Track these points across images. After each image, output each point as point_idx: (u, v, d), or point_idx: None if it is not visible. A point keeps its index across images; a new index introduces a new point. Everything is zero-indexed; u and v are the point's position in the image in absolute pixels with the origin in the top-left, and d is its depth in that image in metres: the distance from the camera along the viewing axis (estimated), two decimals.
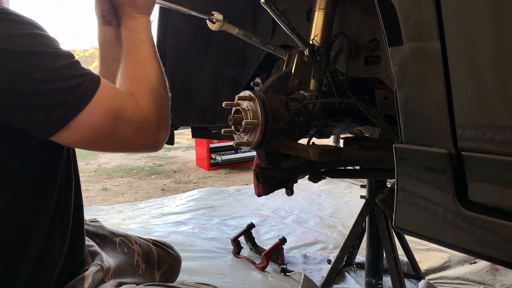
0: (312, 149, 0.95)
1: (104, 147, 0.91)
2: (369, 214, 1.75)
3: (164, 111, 0.93)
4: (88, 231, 1.25)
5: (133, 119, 0.85)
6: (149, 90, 0.91)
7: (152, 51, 0.98)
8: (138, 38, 0.98)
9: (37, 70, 0.75)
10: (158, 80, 0.95)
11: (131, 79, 0.92)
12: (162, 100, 0.93)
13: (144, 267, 1.35)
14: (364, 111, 1.13)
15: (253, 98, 0.99)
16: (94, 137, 0.83)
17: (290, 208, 3.17)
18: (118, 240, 1.32)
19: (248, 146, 1.02)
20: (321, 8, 1.07)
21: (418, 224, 0.72)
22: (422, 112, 0.68)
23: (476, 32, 0.59)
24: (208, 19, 1.09)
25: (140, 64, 0.95)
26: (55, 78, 0.76)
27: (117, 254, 1.26)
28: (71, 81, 0.77)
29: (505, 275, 1.96)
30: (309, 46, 1.06)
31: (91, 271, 1.02)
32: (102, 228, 1.33)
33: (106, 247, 1.26)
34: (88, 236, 1.23)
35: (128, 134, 0.86)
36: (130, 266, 1.29)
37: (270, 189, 1.30)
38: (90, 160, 5.84)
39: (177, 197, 3.66)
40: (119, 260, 1.23)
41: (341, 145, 1.44)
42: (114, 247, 1.29)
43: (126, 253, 1.31)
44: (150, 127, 0.88)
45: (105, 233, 1.31)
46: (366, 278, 1.83)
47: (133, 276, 1.27)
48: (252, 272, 2.08)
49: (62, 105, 0.77)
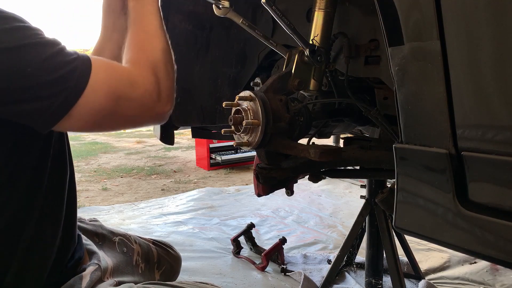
0: (312, 149, 0.95)
1: (109, 127, 0.90)
2: (369, 214, 1.75)
3: (165, 83, 0.91)
4: (86, 230, 1.24)
5: (132, 95, 0.84)
6: (152, 61, 0.90)
7: (159, 22, 0.97)
8: (145, 9, 0.96)
9: (27, 64, 0.73)
10: (164, 52, 0.93)
11: (136, 50, 0.91)
12: (165, 72, 0.91)
13: (143, 266, 1.35)
14: (364, 111, 1.13)
15: (254, 98, 0.99)
16: (97, 120, 0.82)
17: (290, 208, 3.17)
18: (118, 239, 1.32)
19: (249, 146, 1.02)
20: (321, 8, 1.07)
21: (418, 224, 0.72)
22: (422, 112, 0.68)
23: (476, 32, 0.59)
24: (215, 4, 1.09)
25: (146, 35, 0.94)
26: (47, 69, 0.75)
27: (115, 254, 1.25)
28: (63, 69, 0.76)
29: (505, 275, 1.96)
30: (309, 46, 1.06)
31: (88, 270, 1.02)
32: (101, 227, 1.32)
33: (104, 246, 1.26)
34: (86, 235, 1.22)
35: (130, 111, 0.85)
36: (129, 265, 1.28)
37: (270, 189, 1.30)
38: (90, 160, 5.85)
39: (177, 197, 3.66)
40: (118, 260, 1.23)
41: (341, 145, 1.44)
42: (113, 246, 1.29)
43: (125, 252, 1.30)
44: (151, 99, 0.87)
45: (104, 232, 1.30)
46: (366, 278, 1.83)
47: (132, 275, 1.26)
48: (252, 272, 2.08)
49: (60, 94, 0.75)
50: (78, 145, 7.42)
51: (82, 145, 7.47)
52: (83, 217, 1.32)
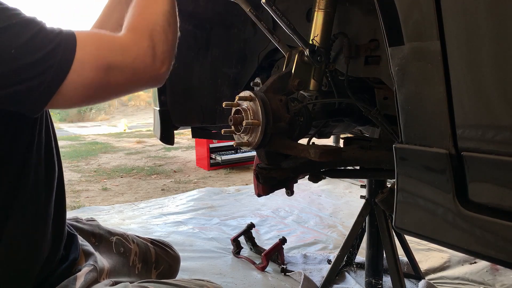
0: (313, 149, 0.95)
1: (103, 98, 0.88)
2: (369, 214, 1.75)
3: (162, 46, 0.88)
4: (83, 230, 1.23)
5: (123, 62, 0.82)
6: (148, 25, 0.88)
7: None
8: None
9: (10, 46, 0.71)
10: (165, 15, 0.91)
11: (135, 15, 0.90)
12: (163, 35, 0.89)
13: (140, 267, 1.33)
14: (364, 111, 1.13)
15: (254, 99, 0.99)
16: (90, 94, 0.80)
17: (290, 208, 3.17)
18: (115, 239, 1.30)
19: (249, 146, 1.01)
20: (321, 8, 1.07)
21: (418, 224, 0.72)
22: (422, 112, 0.68)
23: (476, 32, 0.59)
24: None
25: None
26: (31, 49, 0.73)
27: (112, 255, 1.24)
28: (47, 47, 0.74)
29: (505, 275, 1.96)
30: (309, 46, 1.06)
31: (83, 271, 1.01)
32: (99, 227, 1.31)
33: (101, 247, 1.24)
34: (83, 235, 1.21)
35: (122, 79, 0.83)
36: (125, 266, 1.27)
37: (270, 189, 1.30)
38: (90, 160, 5.85)
39: (177, 197, 3.66)
40: (114, 261, 1.22)
41: (341, 145, 1.44)
42: (110, 247, 1.27)
43: (122, 253, 1.29)
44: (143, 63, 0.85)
45: (101, 232, 1.29)
46: (366, 278, 1.83)
47: (129, 276, 1.26)
48: (252, 272, 2.08)
49: (46, 72, 0.74)
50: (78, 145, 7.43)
51: (82, 145, 7.47)
52: (80, 216, 1.31)
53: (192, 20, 1.56)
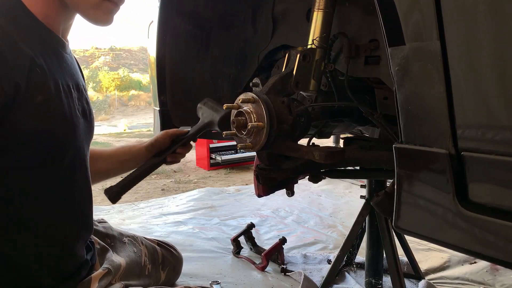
0: (317, 151, 0.94)
1: None
2: (369, 214, 1.75)
3: None
4: (97, 232, 1.26)
5: None
6: None
7: None
8: None
9: None
10: None
11: None
12: None
13: (150, 267, 1.36)
14: (365, 113, 1.13)
15: (257, 101, 0.98)
16: None
17: (290, 208, 3.17)
18: (127, 240, 1.34)
19: (252, 148, 1.01)
20: (321, 8, 1.07)
21: (418, 224, 0.72)
22: (422, 112, 0.68)
23: (476, 32, 0.59)
24: None
25: None
26: None
27: (128, 254, 1.27)
28: None
29: (505, 275, 1.96)
30: (309, 46, 1.06)
31: (98, 274, 1.03)
32: (111, 228, 1.34)
33: (116, 247, 1.27)
34: (98, 236, 1.23)
35: None
36: (138, 266, 1.30)
37: (270, 189, 1.30)
38: None
39: (177, 197, 3.66)
40: (130, 259, 1.25)
41: (341, 145, 1.44)
42: (124, 246, 1.30)
43: (135, 252, 1.32)
44: None
45: (114, 233, 1.33)
46: (366, 278, 1.83)
47: (139, 276, 1.28)
48: (252, 272, 2.08)
49: None
50: None
51: None
52: None
53: (192, 20, 1.56)
